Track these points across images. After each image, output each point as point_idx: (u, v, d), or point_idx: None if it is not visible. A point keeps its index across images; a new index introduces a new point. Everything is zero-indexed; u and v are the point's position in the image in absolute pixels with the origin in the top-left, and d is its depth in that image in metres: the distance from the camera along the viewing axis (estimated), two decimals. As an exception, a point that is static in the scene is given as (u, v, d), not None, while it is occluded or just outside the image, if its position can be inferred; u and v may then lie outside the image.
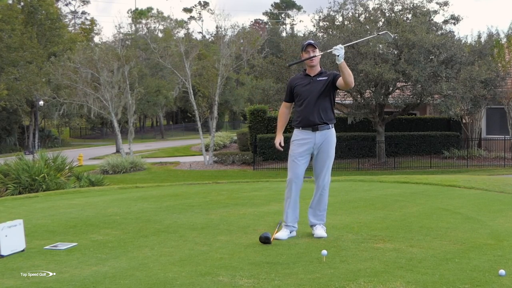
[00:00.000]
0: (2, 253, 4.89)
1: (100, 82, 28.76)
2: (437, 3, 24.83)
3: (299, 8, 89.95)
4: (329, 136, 5.43)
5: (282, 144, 5.46)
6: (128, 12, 73.12)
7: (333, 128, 5.49)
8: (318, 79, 5.40)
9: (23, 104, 40.18)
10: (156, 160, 30.10)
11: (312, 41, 5.48)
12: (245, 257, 4.67)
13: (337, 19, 25.46)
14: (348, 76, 5.17)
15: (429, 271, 4.10)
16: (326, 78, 5.40)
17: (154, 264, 4.52)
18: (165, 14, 71.02)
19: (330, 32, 25.05)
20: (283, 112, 5.63)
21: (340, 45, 5.14)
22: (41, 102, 37.85)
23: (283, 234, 5.37)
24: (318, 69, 5.46)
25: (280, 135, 5.53)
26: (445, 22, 25.32)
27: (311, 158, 5.53)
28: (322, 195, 5.53)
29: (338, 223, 6.10)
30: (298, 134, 5.45)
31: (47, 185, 14.63)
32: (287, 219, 5.45)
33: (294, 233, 5.48)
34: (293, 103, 5.57)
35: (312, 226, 5.51)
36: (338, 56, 5.09)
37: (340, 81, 5.30)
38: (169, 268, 4.35)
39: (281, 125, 5.61)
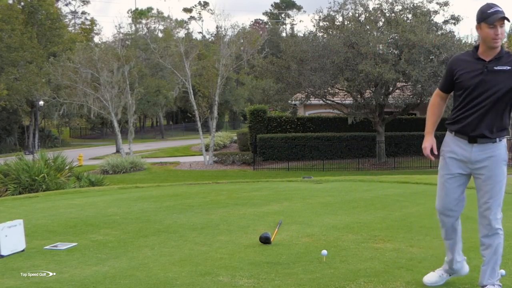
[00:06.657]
0: (2, 253, 4.88)
1: (100, 82, 28.77)
2: (437, 3, 24.88)
3: (299, 8, 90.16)
4: (495, 152, 3.59)
5: (435, 151, 3.81)
6: (128, 12, 73.27)
7: (502, 142, 3.61)
8: (496, 68, 3.48)
9: (23, 104, 40.20)
10: (156, 160, 30.10)
11: (503, 13, 3.43)
12: (245, 257, 4.66)
13: (337, 19, 25.51)
14: None
15: (429, 271, 4.09)
16: (510, 68, 3.48)
17: (154, 264, 4.51)
18: (165, 14, 71.14)
19: (330, 32, 25.09)
20: (436, 103, 3.84)
21: None
22: (41, 102, 37.87)
23: (439, 278, 3.90)
24: (498, 50, 3.51)
25: (430, 136, 3.84)
26: (445, 22, 25.35)
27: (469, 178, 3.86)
28: (496, 240, 3.64)
29: (338, 223, 6.10)
30: (448, 142, 3.77)
31: (47, 185, 14.63)
32: (455, 265, 3.91)
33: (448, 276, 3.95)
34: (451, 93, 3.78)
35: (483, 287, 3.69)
36: None
37: None
38: (169, 268, 4.35)
39: (432, 121, 3.87)
